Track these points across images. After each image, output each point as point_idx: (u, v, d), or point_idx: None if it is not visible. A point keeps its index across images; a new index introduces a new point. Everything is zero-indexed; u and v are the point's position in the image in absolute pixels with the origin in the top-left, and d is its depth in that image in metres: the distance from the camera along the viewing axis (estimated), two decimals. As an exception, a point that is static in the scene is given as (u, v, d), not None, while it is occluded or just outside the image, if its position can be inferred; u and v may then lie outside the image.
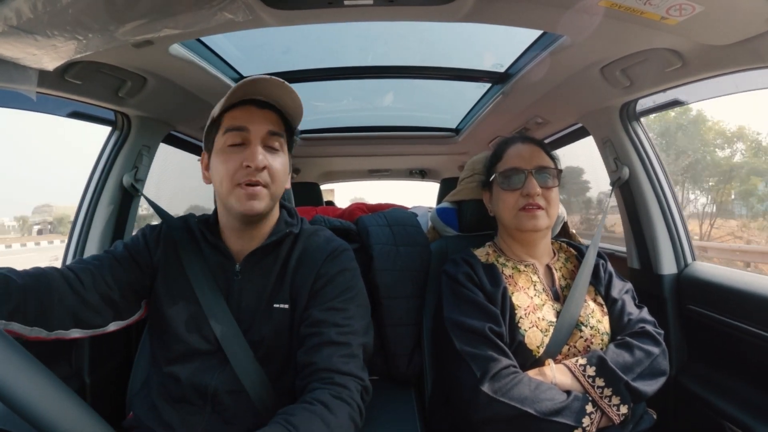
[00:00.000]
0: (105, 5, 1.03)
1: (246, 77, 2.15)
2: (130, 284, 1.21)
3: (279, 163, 1.17)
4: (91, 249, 1.84)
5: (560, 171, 1.45)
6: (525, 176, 1.41)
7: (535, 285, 1.41)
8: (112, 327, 1.19)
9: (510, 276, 1.42)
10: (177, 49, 1.53)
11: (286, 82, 1.14)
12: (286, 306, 1.20)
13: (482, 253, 1.51)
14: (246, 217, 1.18)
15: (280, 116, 1.22)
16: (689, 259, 1.93)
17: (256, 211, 1.14)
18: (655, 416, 1.35)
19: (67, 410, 0.65)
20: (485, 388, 1.16)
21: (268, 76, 1.12)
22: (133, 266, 1.23)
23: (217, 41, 1.82)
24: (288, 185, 1.29)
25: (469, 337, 1.27)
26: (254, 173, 1.12)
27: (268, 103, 1.20)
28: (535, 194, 1.38)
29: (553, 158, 1.48)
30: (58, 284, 1.06)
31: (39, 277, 1.05)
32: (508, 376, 1.18)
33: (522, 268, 1.45)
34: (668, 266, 1.90)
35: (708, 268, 1.82)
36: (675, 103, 1.84)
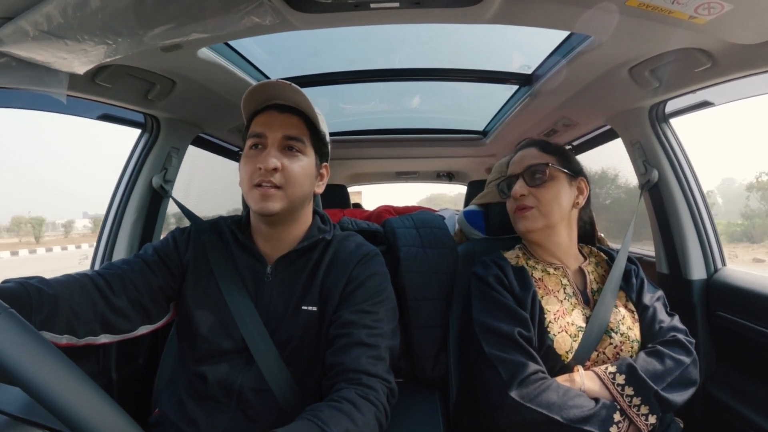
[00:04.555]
0: (134, 10, 1.05)
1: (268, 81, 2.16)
2: (160, 288, 1.22)
3: (297, 165, 1.18)
4: (121, 247, 1.88)
5: (549, 165, 1.41)
6: (515, 180, 1.43)
7: (564, 288, 1.39)
8: (142, 331, 1.20)
9: (540, 279, 1.40)
10: (205, 52, 1.55)
11: (293, 84, 1.16)
12: (314, 308, 1.20)
13: (512, 256, 1.49)
14: (264, 217, 1.21)
15: (304, 119, 1.23)
16: (719, 264, 1.89)
17: (269, 211, 1.15)
18: (682, 425, 1.32)
19: (95, 406, 0.66)
20: (513, 393, 1.15)
21: (275, 80, 1.15)
22: (163, 269, 1.23)
23: (245, 44, 1.85)
24: (318, 190, 1.31)
25: (497, 340, 1.26)
26: (266, 175, 1.14)
27: (291, 106, 1.22)
28: (517, 195, 1.41)
29: (557, 154, 1.46)
30: (88, 291, 1.07)
31: (70, 285, 1.05)
32: (537, 382, 1.17)
33: (552, 271, 1.43)
34: (698, 271, 1.87)
35: (739, 274, 1.78)
36: (705, 104, 1.79)
